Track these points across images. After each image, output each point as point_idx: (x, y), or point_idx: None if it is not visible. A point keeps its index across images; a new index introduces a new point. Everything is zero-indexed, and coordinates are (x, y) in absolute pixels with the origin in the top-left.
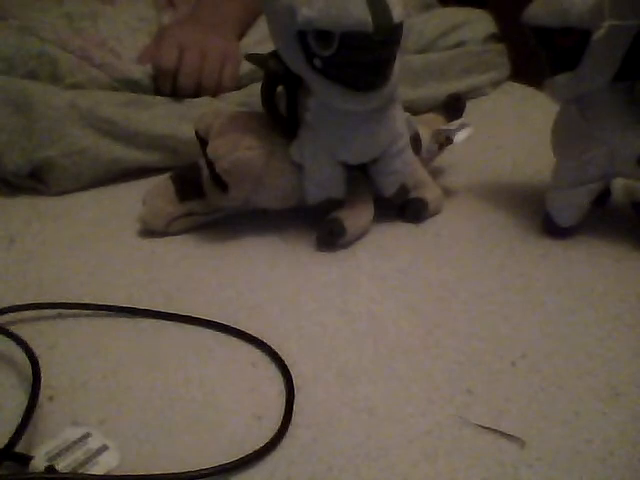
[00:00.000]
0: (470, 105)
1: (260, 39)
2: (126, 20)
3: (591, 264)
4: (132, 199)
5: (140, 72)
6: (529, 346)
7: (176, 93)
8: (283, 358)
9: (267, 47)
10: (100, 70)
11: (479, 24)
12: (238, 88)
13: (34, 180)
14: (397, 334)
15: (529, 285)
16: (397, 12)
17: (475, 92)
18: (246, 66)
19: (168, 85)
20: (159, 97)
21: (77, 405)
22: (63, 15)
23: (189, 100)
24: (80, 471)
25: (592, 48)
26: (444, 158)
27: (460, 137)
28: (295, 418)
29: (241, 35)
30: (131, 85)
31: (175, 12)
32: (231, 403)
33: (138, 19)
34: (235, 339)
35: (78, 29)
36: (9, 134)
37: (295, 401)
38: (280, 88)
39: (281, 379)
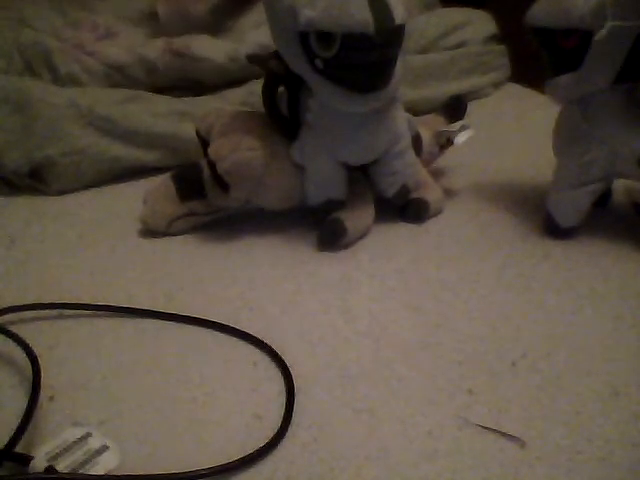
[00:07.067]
0: (471, 106)
1: (258, 21)
2: (121, 9)
3: (591, 264)
4: (132, 199)
5: (131, 58)
6: (529, 346)
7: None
8: (283, 358)
9: (265, 30)
10: (92, 57)
11: (480, 25)
12: (240, 85)
13: (34, 180)
14: (397, 334)
15: (529, 285)
16: (399, 14)
17: (476, 93)
18: None
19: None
20: (159, 95)
21: (77, 405)
22: (57, 7)
23: (190, 98)
24: (80, 471)
25: (594, 49)
26: (445, 159)
27: (461, 139)
28: (295, 418)
29: None
30: (123, 71)
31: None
32: (231, 403)
33: (132, 9)
34: (235, 339)
35: (73, 21)
36: (9, 133)
37: (295, 401)
38: (281, 89)
39: (281, 379)
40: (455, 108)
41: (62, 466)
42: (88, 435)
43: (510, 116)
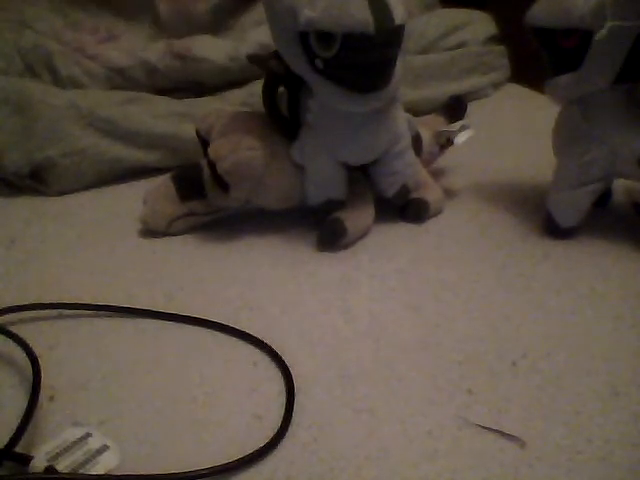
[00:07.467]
0: (471, 106)
1: (259, 20)
2: (121, 11)
3: (591, 264)
4: (132, 199)
5: (132, 61)
6: (529, 346)
7: None
8: (283, 358)
9: (266, 29)
10: (93, 61)
11: (480, 25)
12: (240, 87)
13: (34, 180)
14: (397, 334)
15: (529, 285)
16: (399, 14)
17: (476, 93)
18: None
19: None
20: (159, 96)
21: (77, 405)
22: (57, 8)
23: (190, 99)
24: (80, 471)
25: (594, 49)
26: (445, 159)
27: (461, 139)
28: (295, 418)
29: None
30: (124, 74)
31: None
32: (231, 403)
33: (133, 11)
34: (235, 339)
35: (73, 23)
36: (9, 134)
37: (295, 401)
38: (281, 89)
39: (281, 379)
40: (455, 108)
41: (62, 466)
42: (88, 435)
43: (510, 116)
